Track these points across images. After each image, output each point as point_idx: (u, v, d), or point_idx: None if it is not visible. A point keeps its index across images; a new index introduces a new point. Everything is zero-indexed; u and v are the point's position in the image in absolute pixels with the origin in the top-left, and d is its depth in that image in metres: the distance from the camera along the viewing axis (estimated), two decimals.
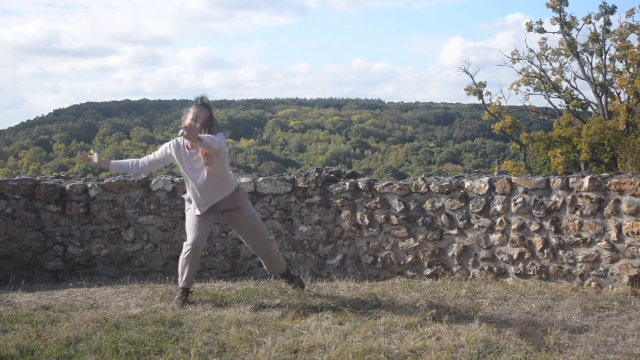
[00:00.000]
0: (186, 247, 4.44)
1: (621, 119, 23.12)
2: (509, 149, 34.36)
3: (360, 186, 5.48)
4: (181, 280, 4.51)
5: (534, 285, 4.96)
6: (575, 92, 26.15)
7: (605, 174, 4.99)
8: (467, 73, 26.90)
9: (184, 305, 4.39)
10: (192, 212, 4.50)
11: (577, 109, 25.95)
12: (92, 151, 4.73)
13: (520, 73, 26.83)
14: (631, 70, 23.89)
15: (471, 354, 3.34)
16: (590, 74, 25.36)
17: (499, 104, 26.76)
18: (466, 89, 26.74)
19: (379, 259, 5.44)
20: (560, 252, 4.96)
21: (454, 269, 5.29)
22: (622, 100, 24.51)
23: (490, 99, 26.94)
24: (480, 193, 5.18)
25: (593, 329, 3.81)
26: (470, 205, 5.20)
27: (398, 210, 5.37)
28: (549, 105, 27.66)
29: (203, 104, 4.38)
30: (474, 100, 27.67)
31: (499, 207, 5.12)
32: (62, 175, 6.24)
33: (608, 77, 25.07)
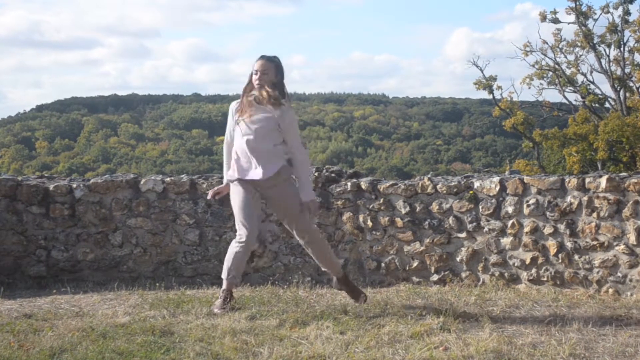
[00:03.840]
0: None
1: None
2: (521, 147, 34.39)
3: (363, 187, 5.48)
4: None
5: (548, 292, 4.97)
6: (592, 86, 26.15)
7: (623, 174, 4.99)
8: (477, 66, 26.87)
9: None
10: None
11: (593, 105, 25.92)
12: None
13: (533, 66, 26.81)
14: None
15: None
16: (607, 67, 25.34)
17: (511, 99, 26.73)
18: (475, 83, 26.74)
19: (383, 264, 5.44)
20: (576, 257, 4.96)
21: (463, 275, 5.29)
22: None
23: (501, 94, 26.91)
24: (491, 194, 5.18)
25: (611, 338, 3.81)
26: (480, 207, 5.21)
27: (403, 212, 5.37)
28: (564, 101, 27.67)
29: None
30: (484, 95, 27.69)
31: (510, 209, 5.12)
32: (46, 175, 6.24)
33: (627, 70, 25.03)
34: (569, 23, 26.11)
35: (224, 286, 4.45)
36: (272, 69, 4.39)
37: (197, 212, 5.63)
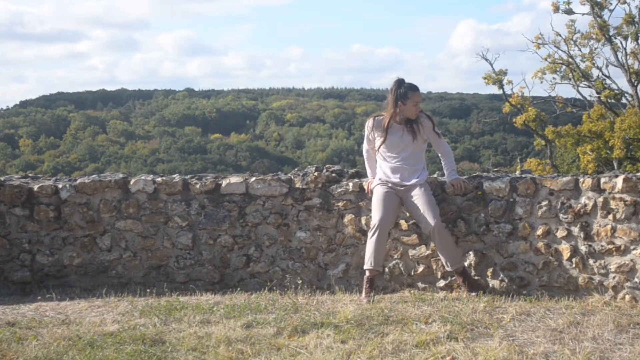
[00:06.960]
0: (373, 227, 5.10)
1: None
2: (533, 145, 34.34)
3: (365, 187, 5.48)
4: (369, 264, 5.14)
5: (561, 298, 4.97)
6: (608, 81, 26.10)
7: None
8: (486, 59, 26.81)
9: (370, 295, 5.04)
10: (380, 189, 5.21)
11: (609, 100, 25.88)
12: None
13: (546, 60, 26.78)
14: None
15: None
16: (624, 61, 25.32)
17: (522, 94, 26.72)
18: (485, 78, 26.70)
19: (387, 269, 5.44)
20: (591, 262, 4.96)
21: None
22: None
23: (511, 89, 26.87)
24: (501, 195, 5.19)
25: (627, 347, 3.81)
26: (489, 209, 5.21)
27: (408, 214, 5.37)
28: (578, 96, 27.63)
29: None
30: (494, 90, 27.69)
31: (521, 211, 5.12)
32: (30, 174, 6.25)
33: None
34: (583, 14, 26.08)
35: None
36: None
37: (190, 214, 5.63)
